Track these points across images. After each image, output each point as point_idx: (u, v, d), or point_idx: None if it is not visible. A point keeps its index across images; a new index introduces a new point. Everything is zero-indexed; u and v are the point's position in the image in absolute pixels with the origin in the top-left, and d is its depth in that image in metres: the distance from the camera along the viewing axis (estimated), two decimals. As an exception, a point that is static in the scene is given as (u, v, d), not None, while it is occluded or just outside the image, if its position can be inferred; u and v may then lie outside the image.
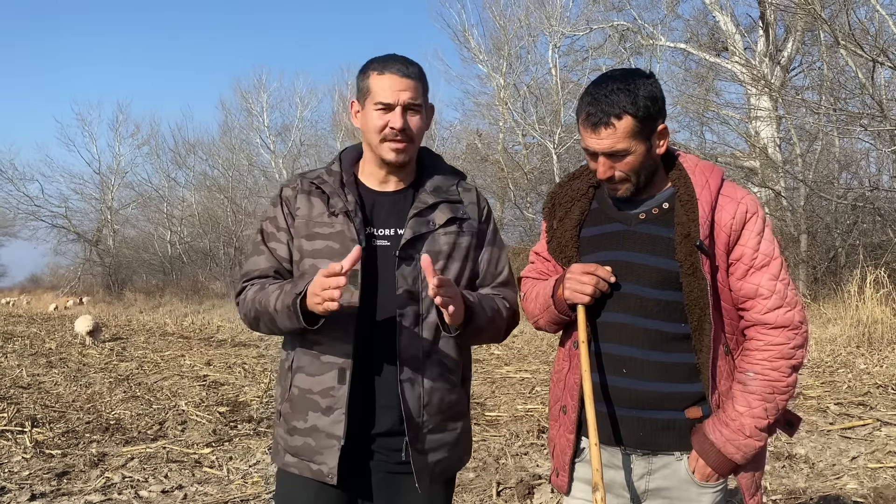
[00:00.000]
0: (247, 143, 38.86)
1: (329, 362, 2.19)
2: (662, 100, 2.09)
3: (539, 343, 13.30)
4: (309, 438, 2.21)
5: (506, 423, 7.18)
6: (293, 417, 2.25)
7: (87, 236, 44.31)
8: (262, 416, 7.71)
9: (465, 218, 2.30)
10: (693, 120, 18.99)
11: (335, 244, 2.20)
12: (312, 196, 2.27)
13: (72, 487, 5.37)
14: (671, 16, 20.79)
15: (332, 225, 2.22)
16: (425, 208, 2.25)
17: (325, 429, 2.18)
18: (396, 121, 2.18)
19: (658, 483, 2.17)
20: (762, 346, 2.10)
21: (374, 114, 2.20)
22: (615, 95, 2.02)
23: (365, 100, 2.23)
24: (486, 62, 26.79)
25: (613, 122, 2.03)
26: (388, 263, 2.21)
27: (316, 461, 2.20)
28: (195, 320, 23.24)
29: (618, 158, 2.07)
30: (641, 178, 2.12)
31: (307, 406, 2.21)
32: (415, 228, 2.22)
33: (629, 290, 2.13)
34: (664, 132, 2.11)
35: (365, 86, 2.22)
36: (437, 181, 2.32)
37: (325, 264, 2.13)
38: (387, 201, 2.29)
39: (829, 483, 5.10)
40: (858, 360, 9.84)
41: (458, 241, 2.28)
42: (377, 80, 2.20)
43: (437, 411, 2.25)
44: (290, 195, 2.30)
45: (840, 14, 12.90)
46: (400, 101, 2.18)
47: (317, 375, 2.21)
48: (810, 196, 15.45)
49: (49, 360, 13.17)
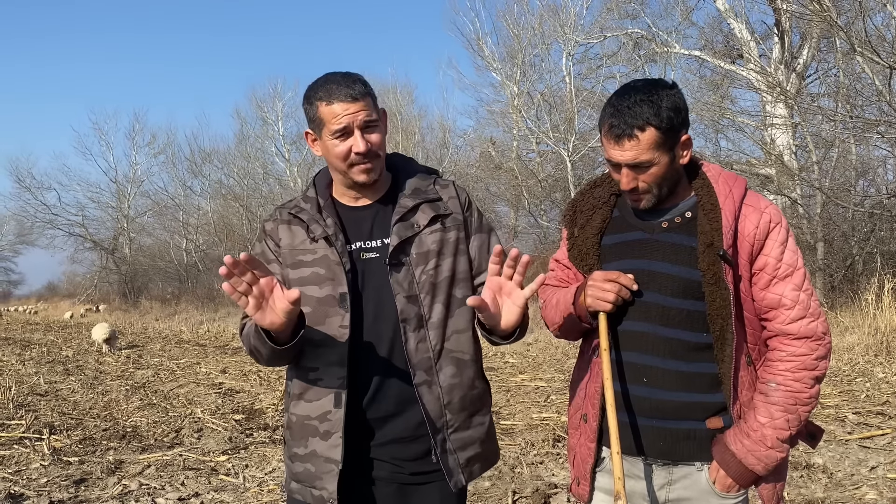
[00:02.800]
0: (262, 152, 39.01)
1: (325, 387, 2.20)
2: (685, 110, 2.08)
3: (554, 352, 13.26)
4: (308, 464, 2.23)
5: (521, 431, 7.16)
6: (294, 444, 2.28)
7: (104, 244, 44.67)
8: (278, 423, 7.73)
9: (447, 213, 2.30)
10: (708, 127, 18.87)
11: (321, 269, 2.21)
12: (292, 225, 2.28)
13: (89, 494, 5.41)
14: (685, 23, 20.75)
15: (315, 251, 2.23)
16: (407, 212, 2.25)
17: (323, 454, 2.20)
18: (359, 145, 2.15)
19: (678, 493, 2.16)
20: (785, 356, 2.09)
21: (333, 142, 2.18)
22: (638, 107, 2.01)
23: (320, 130, 2.20)
24: (500, 70, 26.79)
25: (637, 133, 2.02)
26: (381, 274, 2.22)
27: (317, 486, 2.21)
28: (211, 328, 23.35)
29: (641, 170, 2.07)
30: (664, 189, 2.12)
31: (306, 432, 2.23)
32: (400, 234, 2.22)
33: (651, 298, 2.13)
34: (688, 143, 2.10)
35: (316, 117, 2.19)
36: (414, 183, 2.32)
37: (314, 290, 2.19)
38: (367, 215, 2.29)
39: (847, 493, 5.05)
40: (877, 368, 9.75)
41: (445, 237, 2.27)
42: (327, 109, 2.15)
43: (461, 409, 2.26)
44: (272, 228, 2.32)
45: (856, 21, 12.82)
46: (356, 124, 2.15)
47: (314, 401, 2.22)
48: (827, 204, 15.33)
49: (66, 368, 13.27)
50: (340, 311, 2.17)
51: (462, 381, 2.26)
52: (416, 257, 2.22)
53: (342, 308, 2.17)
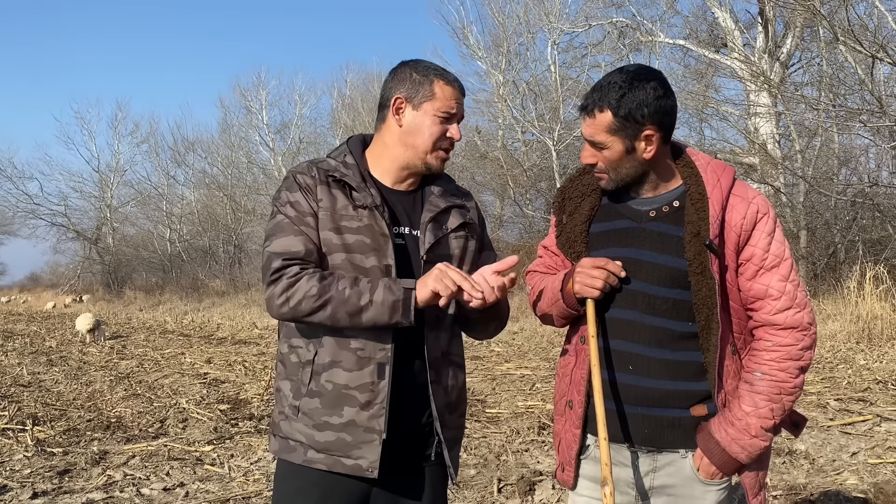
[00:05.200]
0: (246, 141, 38.89)
1: (367, 357, 2.17)
2: (658, 107, 2.05)
3: (539, 340, 13.31)
4: (343, 433, 2.18)
5: (506, 419, 7.19)
6: (323, 413, 2.19)
7: (87, 234, 44.35)
8: (263, 413, 7.72)
9: (472, 223, 2.35)
10: (692, 116, 18.95)
11: (366, 238, 2.18)
12: (332, 188, 2.22)
13: (73, 485, 5.38)
14: (670, 12, 20.76)
15: (360, 218, 2.19)
16: (440, 212, 2.28)
17: (363, 423, 2.16)
18: (457, 133, 2.23)
19: (663, 480, 2.17)
20: (770, 346, 2.10)
21: (433, 119, 2.20)
22: (608, 89, 2.05)
23: (422, 103, 2.20)
24: (485, 59, 26.74)
25: (595, 112, 2.07)
26: (409, 261, 2.23)
27: (352, 456, 2.17)
28: (195, 318, 23.26)
29: (597, 149, 2.11)
30: (622, 175, 2.13)
31: (342, 401, 2.18)
32: (434, 232, 2.25)
33: (637, 287, 2.14)
34: (650, 138, 2.08)
35: (427, 90, 2.20)
36: (443, 185, 2.35)
37: (357, 259, 2.15)
38: (398, 200, 2.29)
39: (829, 479, 5.11)
40: (858, 356, 9.86)
41: (468, 245, 2.33)
42: (443, 88, 2.20)
43: (455, 408, 2.32)
44: (310, 183, 2.22)
45: (839, 10, 12.88)
46: (459, 114, 2.25)
47: (354, 371, 2.17)
48: (810, 192, 15.44)
49: (49, 359, 13.18)
50: None
51: (457, 383, 2.32)
52: (442, 259, 2.23)
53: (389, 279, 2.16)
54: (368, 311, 2.09)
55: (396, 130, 2.24)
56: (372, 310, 2.09)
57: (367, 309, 2.09)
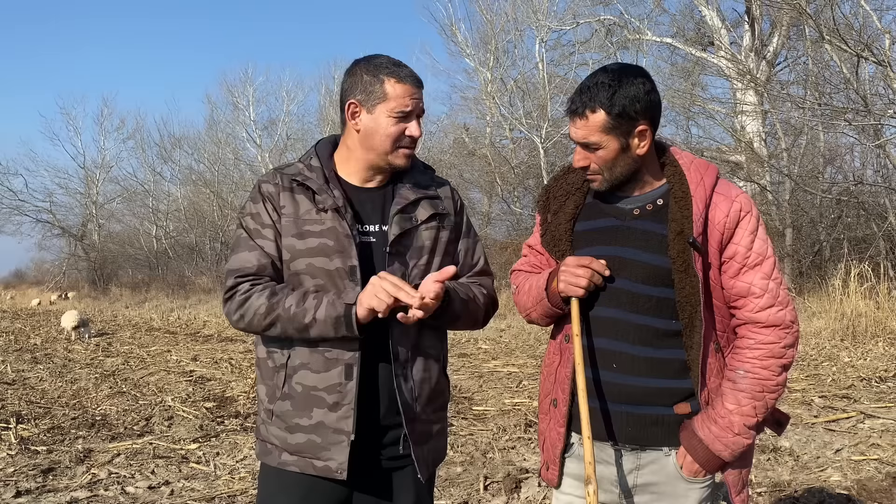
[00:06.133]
0: (233, 138, 38.68)
1: (335, 359, 2.17)
2: (649, 102, 2.07)
3: (526, 337, 13.33)
4: (313, 435, 2.19)
5: (493, 417, 7.20)
6: (294, 415, 2.21)
7: (72, 231, 43.98)
8: (250, 411, 7.69)
9: (444, 213, 2.33)
10: (679, 114, 19.03)
11: (329, 241, 2.18)
12: (296, 193, 2.23)
13: (57, 484, 5.34)
14: (657, 10, 20.84)
15: (322, 222, 2.20)
16: (408, 204, 2.26)
17: (332, 425, 2.17)
18: (416, 130, 2.22)
19: (646, 478, 2.18)
20: (753, 344, 2.11)
21: (388, 120, 2.19)
22: (596, 89, 2.04)
23: (376, 105, 2.19)
24: (473, 56, 26.76)
25: (587, 113, 2.06)
26: (377, 259, 2.22)
27: (322, 458, 2.18)
28: (181, 315, 23.12)
29: (591, 150, 2.10)
30: (616, 174, 2.13)
31: (311, 403, 2.19)
32: (401, 224, 2.23)
33: (621, 285, 2.14)
34: (644, 133, 2.09)
35: (378, 90, 2.18)
36: (415, 177, 2.33)
37: (322, 262, 2.15)
38: (368, 198, 2.28)
39: (813, 475, 5.14)
40: (842, 353, 9.92)
41: (439, 235, 2.30)
42: (395, 86, 2.18)
43: (427, 402, 2.29)
44: (273, 191, 2.24)
45: (825, 9, 12.96)
46: (416, 110, 2.21)
47: (322, 372, 2.18)
48: (795, 190, 15.54)
49: (34, 356, 13.08)
50: (350, 284, 2.16)
51: (430, 376, 2.29)
52: (411, 251, 2.24)
53: (352, 281, 2.16)
54: (314, 327, 2.12)
55: (355, 135, 2.25)
56: (317, 327, 2.12)
57: (312, 326, 2.12)
